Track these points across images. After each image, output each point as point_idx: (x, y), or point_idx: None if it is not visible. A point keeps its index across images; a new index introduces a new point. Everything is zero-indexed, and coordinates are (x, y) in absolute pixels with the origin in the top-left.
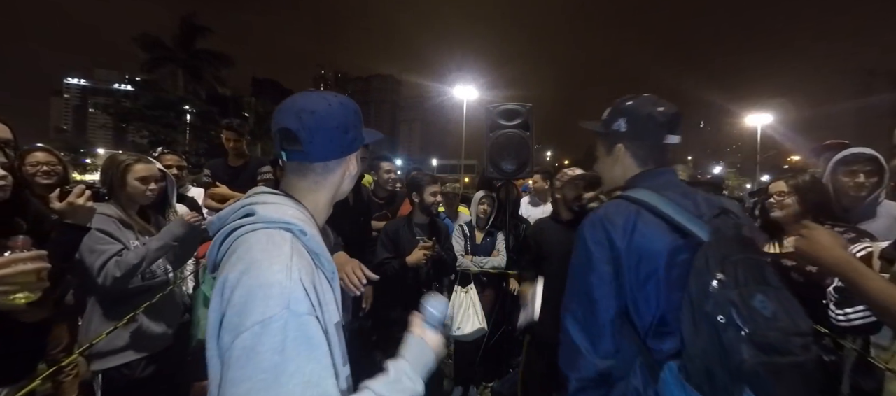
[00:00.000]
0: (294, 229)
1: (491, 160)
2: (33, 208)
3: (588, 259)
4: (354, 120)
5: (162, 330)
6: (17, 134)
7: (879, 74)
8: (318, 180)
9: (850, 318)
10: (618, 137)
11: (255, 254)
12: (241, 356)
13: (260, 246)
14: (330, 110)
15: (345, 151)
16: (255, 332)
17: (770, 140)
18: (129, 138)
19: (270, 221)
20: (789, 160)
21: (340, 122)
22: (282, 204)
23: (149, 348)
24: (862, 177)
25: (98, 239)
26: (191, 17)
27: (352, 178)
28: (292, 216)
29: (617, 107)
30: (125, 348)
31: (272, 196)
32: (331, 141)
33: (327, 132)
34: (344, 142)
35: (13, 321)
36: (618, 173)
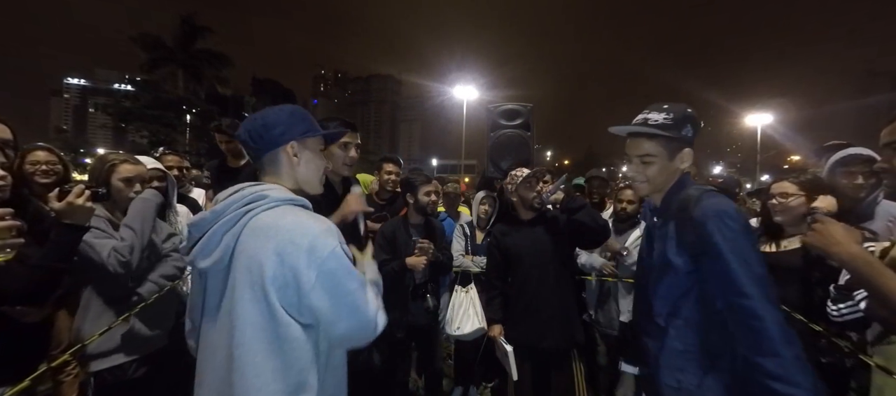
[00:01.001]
0: (300, 203)
1: (491, 160)
2: (33, 207)
3: (749, 243)
4: (288, 118)
5: (154, 332)
6: (17, 134)
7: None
8: (272, 171)
9: (843, 313)
10: (686, 142)
11: (297, 218)
12: (329, 276)
13: (288, 216)
14: (263, 115)
15: (278, 143)
16: (331, 259)
17: (770, 140)
18: (128, 138)
19: (283, 200)
20: (789, 160)
21: (270, 122)
22: (278, 189)
23: (140, 350)
24: (860, 179)
25: (95, 235)
26: (191, 17)
27: (306, 165)
28: (292, 195)
29: (684, 114)
30: (116, 350)
31: (265, 185)
32: (262, 138)
33: (258, 132)
34: (274, 135)
35: (14, 321)
36: (670, 175)
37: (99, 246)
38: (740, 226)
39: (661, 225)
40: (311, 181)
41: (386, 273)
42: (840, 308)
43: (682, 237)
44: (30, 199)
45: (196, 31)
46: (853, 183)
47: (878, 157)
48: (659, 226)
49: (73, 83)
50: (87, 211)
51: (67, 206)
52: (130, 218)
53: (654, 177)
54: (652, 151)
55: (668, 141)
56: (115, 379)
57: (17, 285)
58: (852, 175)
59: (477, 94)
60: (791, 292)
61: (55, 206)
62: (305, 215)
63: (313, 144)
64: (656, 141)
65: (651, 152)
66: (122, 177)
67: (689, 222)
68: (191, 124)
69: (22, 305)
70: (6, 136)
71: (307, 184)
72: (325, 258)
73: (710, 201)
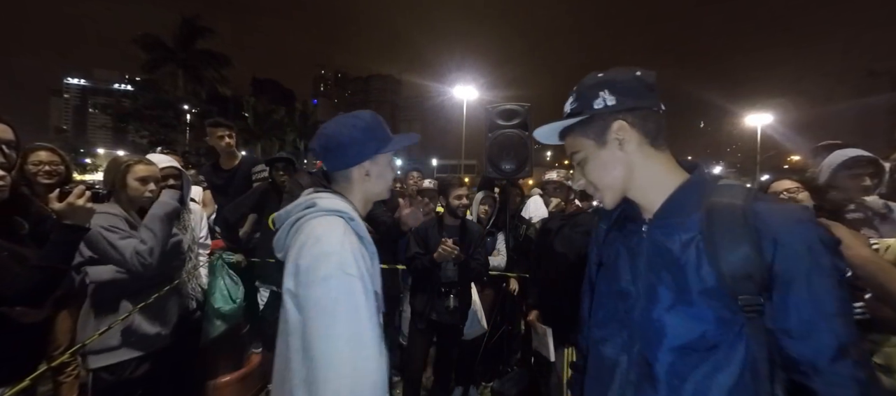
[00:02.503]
0: (344, 216)
1: (490, 160)
2: (35, 208)
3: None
4: (362, 136)
5: (156, 331)
6: (19, 134)
7: (879, 74)
8: (344, 185)
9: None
10: (610, 115)
11: (317, 233)
12: (312, 303)
13: (321, 227)
14: (337, 131)
15: (352, 162)
16: (320, 286)
17: (770, 140)
18: (128, 138)
19: (327, 210)
20: (789, 160)
21: (346, 140)
22: (334, 198)
23: (141, 348)
24: (867, 180)
25: (117, 235)
26: (191, 17)
27: (376, 180)
28: (342, 206)
29: (587, 84)
30: (116, 347)
31: (327, 192)
32: (338, 156)
33: (333, 151)
34: (349, 156)
35: (13, 321)
36: (623, 169)
37: (122, 247)
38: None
39: (656, 233)
40: (380, 193)
41: (417, 266)
42: None
43: (725, 257)
44: (32, 200)
45: (196, 31)
46: (861, 185)
47: (878, 158)
48: (650, 235)
49: (73, 83)
50: (87, 212)
51: (68, 207)
52: (151, 220)
53: (596, 176)
54: (575, 146)
55: (584, 126)
56: (114, 378)
57: (17, 286)
58: (859, 177)
59: (477, 94)
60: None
61: (56, 207)
62: (333, 231)
63: (384, 157)
64: (573, 132)
65: (576, 148)
66: (138, 176)
67: (744, 235)
68: (191, 124)
69: (22, 306)
70: (8, 136)
71: (377, 195)
72: (314, 281)
73: (775, 207)
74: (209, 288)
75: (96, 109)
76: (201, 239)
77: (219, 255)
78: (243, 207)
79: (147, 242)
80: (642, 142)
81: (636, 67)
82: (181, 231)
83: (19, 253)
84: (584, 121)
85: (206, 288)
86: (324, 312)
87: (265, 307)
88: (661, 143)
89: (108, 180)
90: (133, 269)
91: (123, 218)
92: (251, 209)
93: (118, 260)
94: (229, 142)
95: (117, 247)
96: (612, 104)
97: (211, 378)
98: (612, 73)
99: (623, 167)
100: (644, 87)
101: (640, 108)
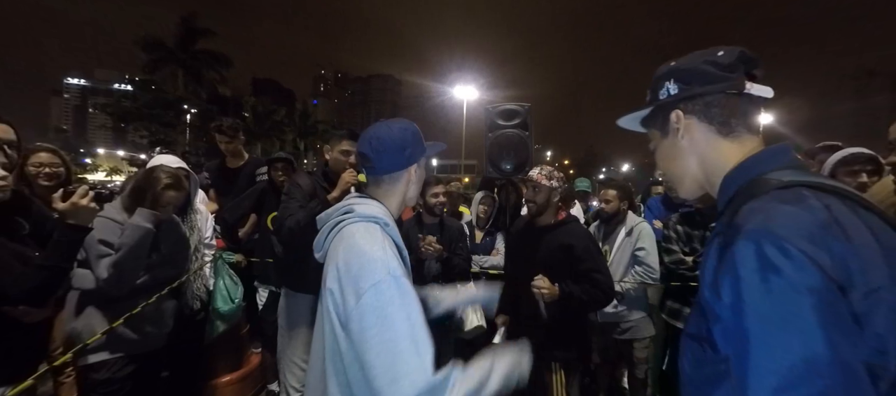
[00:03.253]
0: (380, 222)
1: (490, 160)
2: (35, 209)
3: (791, 298)
4: (412, 139)
5: (149, 330)
6: (19, 134)
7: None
8: (387, 188)
9: None
10: (669, 106)
11: (357, 240)
12: (366, 310)
13: (359, 234)
14: (390, 135)
15: (404, 164)
16: (371, 292)
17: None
18: (128, 138)
19: (365, 217)
20: None
21: (399, 144)
22: (371, 204)
23: (134, 347)
24: (864, 177)
25: (101, 249)
26: (192, 18)
27: (415, 185)
28: (379, 212)
29: (659, 74)
30: (105, 346)
31: (364, 198)
32: (391, 158)
33: (388, 152)
34: (402, 158)
35: (14, 320)
36: (691, 159)
37: (99, 266)
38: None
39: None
40: (413, 197)
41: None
42: None
43: (717, 278)
44: (32, 200)
45: (196, 31)
46: (858, 181)
47: (877, 156)
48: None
49: (73, 83)
50: (90, 212)
51: (72, 207)
52: (122, 252)
53: (664, 167)
54: (650, 136)
55: (653, 116)
56: (102, 377)
57: (20, 285)
58: (856, 174)
59: (477, 94)
60: None
61: (59, 207)
62: (373, 238)
63: (423, 163)
64: (647, 123)
65: (651, 138)
66: (168, 200)
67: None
68: (190, 124)
69: (25, 305)
70: (9, 137)
71: (411, 200)
72: (365, 289)
73: (759, 216)
74: (213, 288)
75: (96, 109)
76: (207, 239)
77: (219, 255)
78: (241, 208)
79: (110, 273)
80: (708, 130)
81: (720, 47)
82: (188, 231)
83: (21, 252)
84: (653, 112)
85: (210, 289)
86: (381, 316)
87: (264, 307)
88: (736, 129)
89: (139, 194)
90: (102, 288)
91: (120, 225)
92: (249, 209)
93: (94, 271)
94: (227, 147)
95: (95, 261)
96: (675, 93)
97: (211, 378)
98: (683, 60)
99: (691, 157)
100: (717, 69)
101: (706, 94)
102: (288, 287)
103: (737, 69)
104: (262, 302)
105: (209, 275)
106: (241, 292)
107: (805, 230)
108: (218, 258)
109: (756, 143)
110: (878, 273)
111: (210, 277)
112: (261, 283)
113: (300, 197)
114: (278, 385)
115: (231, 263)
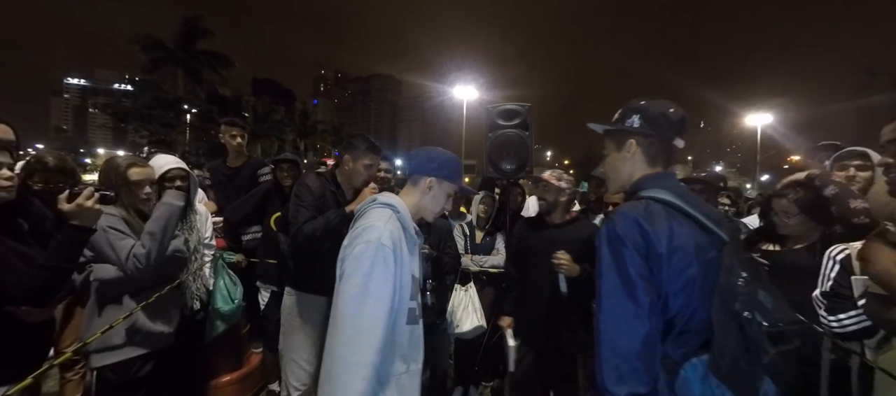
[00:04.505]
0: (393, 208)
1: (490, 160)
2: (35, 209)
3: (622, 257)
4: (443, 160)
5: (160, 329)
6: (18, 134)
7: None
8: (409, 188)
9: (845, 324)
10: (630, 133)
11: (371, 217)
12: (350, 257)
13: (375, 213)
14: (430, 149)
15: (426, 172)
16: (361, 246)
17: (770, 140)
18: (128, 138)
19: (382, 203)
20: (789, 160)
21: (431, 156)
22: (391, 196)
23: (146, 345)
24: (852, 170)
25: (115, 236)
26: (191, 18)
27: (432, 200)
28: (395, 201)
29: (631, 106)
30: (121, 345)
31: (386, 194)
32: (419, 163)
33: (419, 158)
34: (427, 167)
35: (18, 320)
36: (627, 170)
37: (119, 248)
38: (629, 234)
39: None
40: (429, 210)
41: None
42: (840, 318)
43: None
44: (32, 200)
45: (196, 31)
46: (846, 176)
47: (868, 151)
48: None
49: (73, 83)
50: (95, 213)
51: (76, 208)
52: (154, 224)
53: (608, 172)
54: (607, 144)
55: (615, 134)
56: (118, 378)
57: (24, 285)
58: (846, 168)
59: (477, 94)
60: (798, 290)
61: (65, 208)
62: (382, 215)
63: (446, 187)
64: (609, 136)
65: (606, 145)
66: (133, 180)
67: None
68: (190, 124)
69: (27, 305)
70: (8, 137)
71: (425, 211)
72: (357, 243)
73: (630, 209)
74: (213, 288)
75: (96, 109)
76: (206, 239)
77: (219, 255)
78: (246, 208)
79: (146, 246)
80: (643, 159)
81: (670, 104)
82: (187, 231)
83: (24, 252)
84: (614, 130)
85: (210, 289)
86: (354, 263)
87: (265, 307)
88: (656, 164)
89: (103, 183)
90: (128, 271)
91: (122, 219)
92: (254, 210)
93: (114, 260)
94: (240, 141)
95: (115, 247)
96: (636, 126)
97: (211, 378)
98: (650, 104)
99: (626, 170)
100: (666, 123)
101: (653, 137)
102: (292, 287)
103: (676, 126)
104: (263, 301)
105: (209, 275)
106: (241, 292)
107: (629, 219)
108: (218, 258)
109: (659, 171)
110: (662, 246)
111: (210, 277)
112: (263, 283)
113: (310, 200)
114: (279, 384)
115: (231, 263)
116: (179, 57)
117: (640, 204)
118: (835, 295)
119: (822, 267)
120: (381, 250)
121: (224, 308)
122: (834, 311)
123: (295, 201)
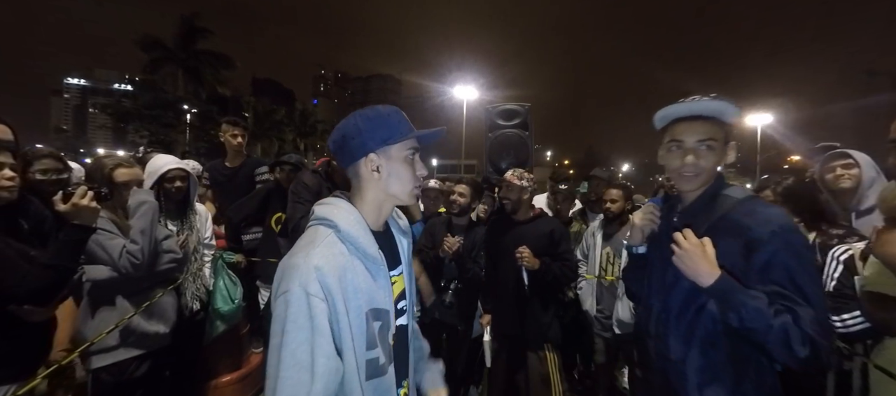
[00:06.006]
0: (331, 225)
1: (490, 160)
2: (34, 209)
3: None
4: (361, 125)
5: (155, 330)
6: (17, 134)
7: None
8: (355, 186)
9: (848, 325)
10: (732, 133)
11: (299, 243)
12: (274, 317)
13: (305, 238)
14: (340, 127)
15: (354, 156)
16: (280, 300)
17: (770, 140)
18: (128, 138)
19: (318, 218)
20: (789, 160)
21: (341, 134)
22: (332, 205)
23: (142, 346)
24: (838, 170)
25: (104, 236)
26: (192, 18)
27: (392, 179)
28: (336, 215)
29: (731, 104)
30: (116, 347)
31: (333, 198)
32: (344, 152)
33: (341, 143)
34: (349, 149)
35: (17, 320)
36: (720, 162)
37: (110, 247)
38: (805, 244)
39: (684, 227)
40: (397, 194)
41: (423, 259)
42: (844, 319)
43: (722, 248)
44: (31, 200)
45: (196, 32)
46: (834, 175)
47: (847, 151)
48: (681, 228)
49: (73, 83)
50: (93, 212)
51: (73, 208)
52: (138, 220)
53: (711, 167)
54: (715, 135)
55: (723, 126)
56: (114, 379)
57: (27, 284)
58: (832, 169)
59: (477, 94)
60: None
61: (61, 209)
62: (310, 243)
63: (398, 151)
64: (716, 123)
65: (714, 136)
66: (120, 181)
67: (737, 232)
68: (190, 124)
69: (30, 304)
70: (7, 137)
71: (394, 198)
72: (277, 294)
73: (767, 210)
74: (213, 288)
75: (96, 109)
76: (206, 239)
77: (219, 255)
78: (247, 208)
79: (138, 243)
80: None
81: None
82: (187, 231)
83: (26, 251)
84: (723, 123)
85: (209, 289)
86: (275, 326)
87: (265, 307)
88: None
89: (95, 180)
90: (122, 270)
91: (109, 220)
92: (255, 210)
93: (106, 260)
94: (241, 141)
95: (106, 248)
96: (736, 119)
97: (211, 378)
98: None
99: (718, 163)
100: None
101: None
102: None
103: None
104: (263, 301)
105: (209, 275)
106: (241, 292)
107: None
108: (218, 258)
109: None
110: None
111: (210, 277)
112: (263, 283)
113: (307, 196)
114: None
115: (231, 263)
116: (179, 57)
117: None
118: (838, 295)
119: (826, 267)
120: (300, 305)
121: (224, 308)
122: (838, 312)
123: (292, 198)
